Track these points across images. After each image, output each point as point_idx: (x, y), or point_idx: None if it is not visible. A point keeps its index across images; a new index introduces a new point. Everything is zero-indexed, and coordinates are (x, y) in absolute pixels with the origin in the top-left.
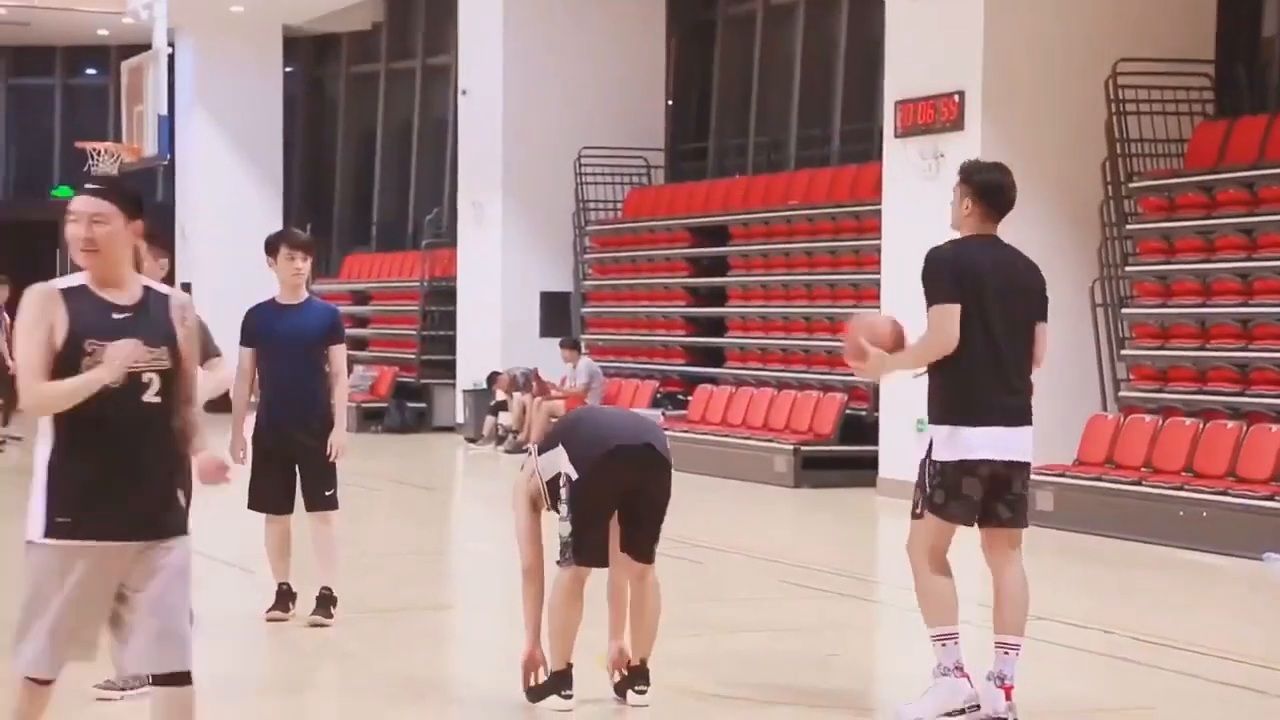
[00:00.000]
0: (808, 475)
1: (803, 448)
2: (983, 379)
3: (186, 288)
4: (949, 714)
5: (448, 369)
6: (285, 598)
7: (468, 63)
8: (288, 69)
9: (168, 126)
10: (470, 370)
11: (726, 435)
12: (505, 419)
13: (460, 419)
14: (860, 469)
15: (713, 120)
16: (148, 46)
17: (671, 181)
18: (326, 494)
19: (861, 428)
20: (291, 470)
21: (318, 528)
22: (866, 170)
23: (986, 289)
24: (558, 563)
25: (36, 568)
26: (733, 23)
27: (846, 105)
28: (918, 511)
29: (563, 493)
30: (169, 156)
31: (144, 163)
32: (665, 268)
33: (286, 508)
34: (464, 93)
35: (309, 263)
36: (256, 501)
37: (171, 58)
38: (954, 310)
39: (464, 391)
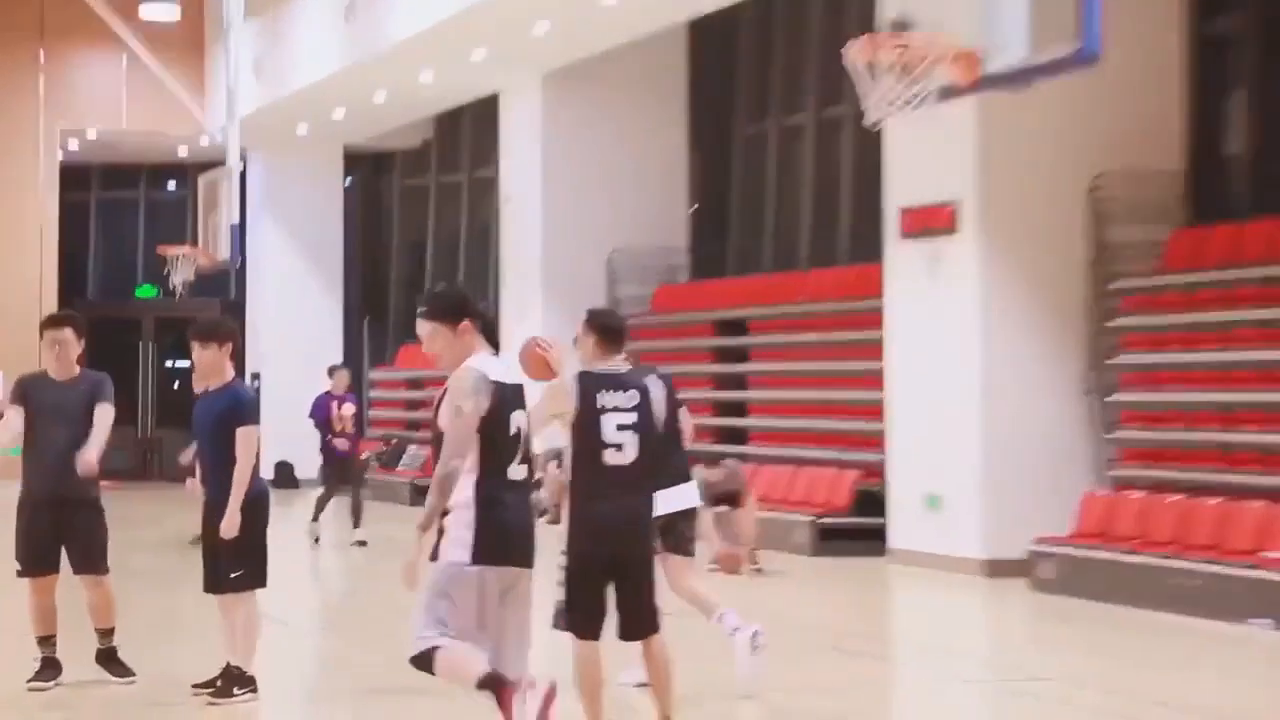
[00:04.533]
0: (825, 546)
1: (819, 520)
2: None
3: (256, 378)
4: None
5: None
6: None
7: (509, 173)
8: (347, 182)
9: (239, 234)
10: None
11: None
12: (543, 495)
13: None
14: (872, 539)
15: (732, 224)
16: (222, 163)
17: (696, 279)
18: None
19: (873, 501)
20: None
21: None
22: (871, 269)
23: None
24: (553, 627)
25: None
26: (748, 141)
27: (854, 210)
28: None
29: (562, 558)
30: (240, 260)
31: (217, 266)
32: (692, 357)
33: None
34: (506, 200)
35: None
36: None
37: (244, 173)
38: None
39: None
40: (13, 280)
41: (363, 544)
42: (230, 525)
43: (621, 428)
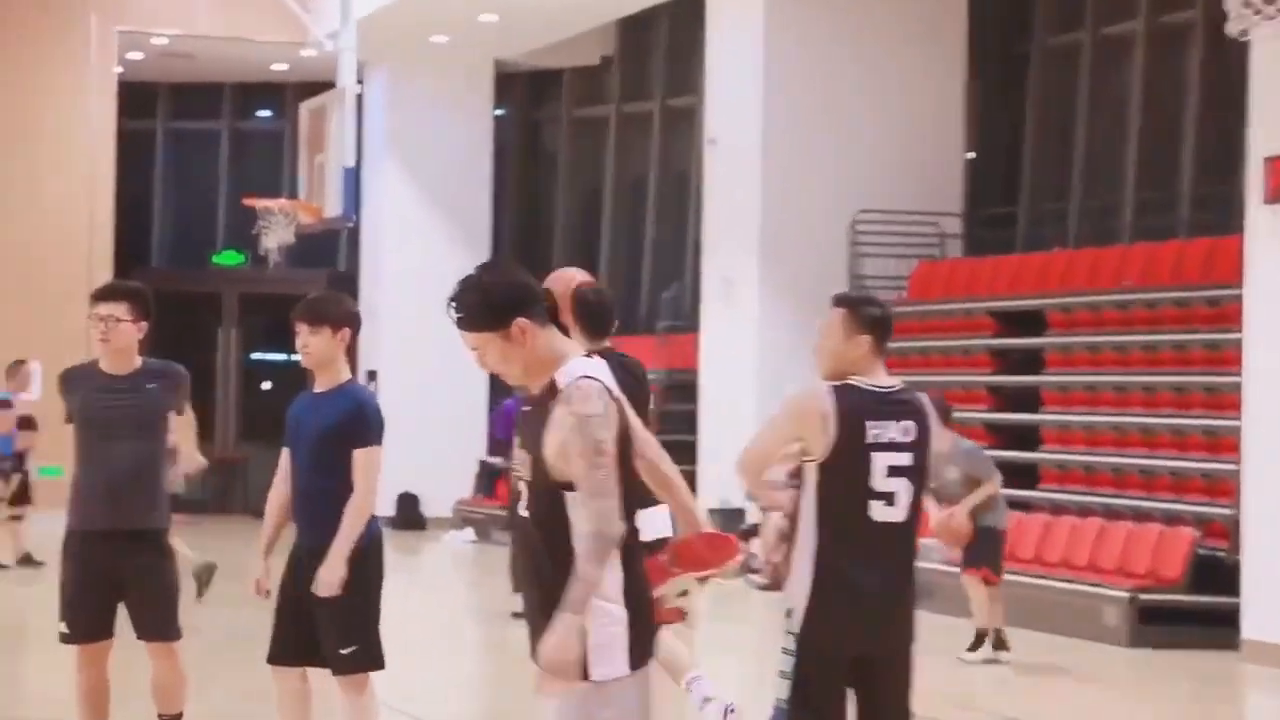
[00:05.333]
0: (1148, 632)
1: (1141, 596)
2: None
3: (372, 376)
4: None
5: (687, 481)
6: None
7: (717, 105)
8: (498, 112)
9: (354, 181)
10: (715, 484)
11: (1041, 578)
12: (756, 547)
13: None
14: (1216, 625)
15: (1024, 179)
16: (331, 84)
17: (971, 254)
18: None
19: (1219, 572)
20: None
21: None
22: (1224, 244)
23: None
24: None
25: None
26: (1052, 57)
27: (1198, 162)
28: None
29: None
30: (355, 217)
31: (325, 224)
32: (963, 362)
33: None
34: (712, 141)
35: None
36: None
37: (360, 98)
38: None
39: (709, 510)
40: (53, 240)
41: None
42: (332, 578)
43: (895, 471)
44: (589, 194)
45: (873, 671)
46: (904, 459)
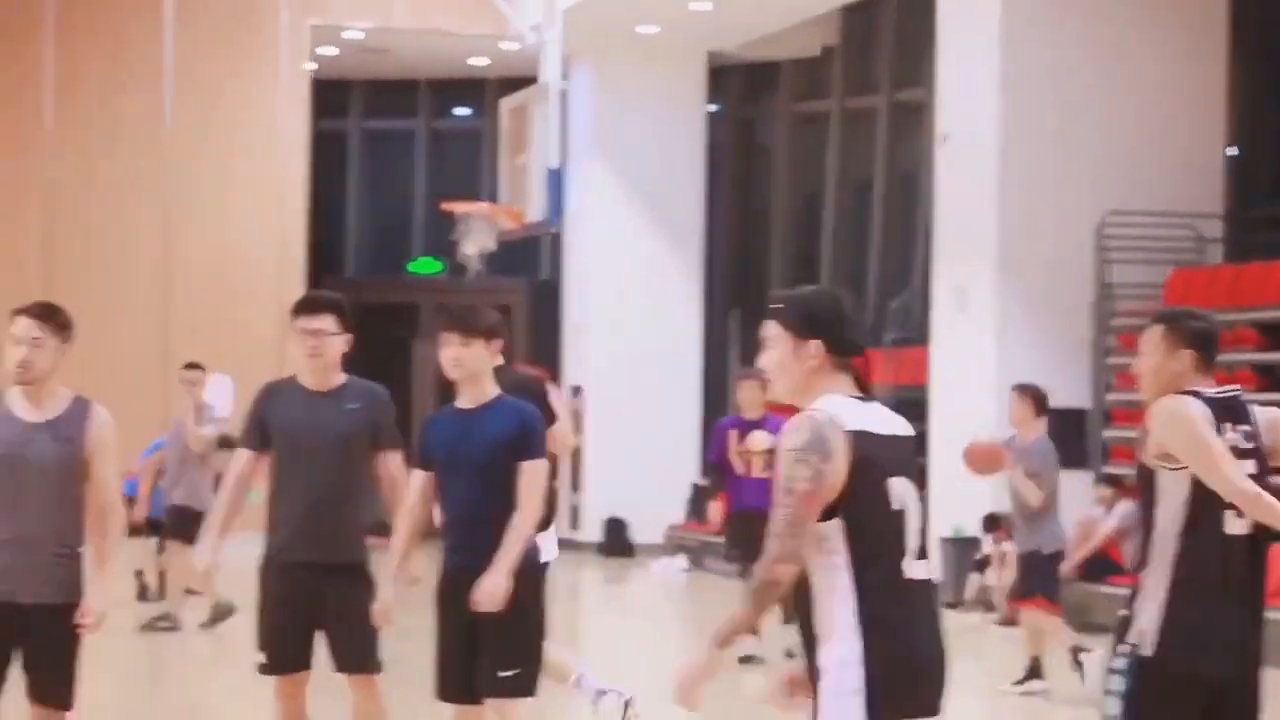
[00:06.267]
0: None
1: None
2: None
3: (577, 391)
4: None
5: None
6: None
7: (949, 98)
8: (711, 107)
9: (558, 183)
10: (949, 510)
11: None
12: (993, 578)
13: (936, 574)
14: None
15: None
16: (533, 80)
17: (1233, 260)
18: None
19: None
20: None
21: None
22: None
23: None
24: None
25: None
26: None
27: None
28: None
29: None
30: (559, 222)
31: (527, 230)
32: (1224, 379)
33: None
34: (944, 138)
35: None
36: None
37: (564, 94)
38: None
39: (941, 540)
40: (243, 247)
41: (749, 659)
42: (497, 591)
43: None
44: (809, 195)
45: (1226, 696)
46: (1250, 466)
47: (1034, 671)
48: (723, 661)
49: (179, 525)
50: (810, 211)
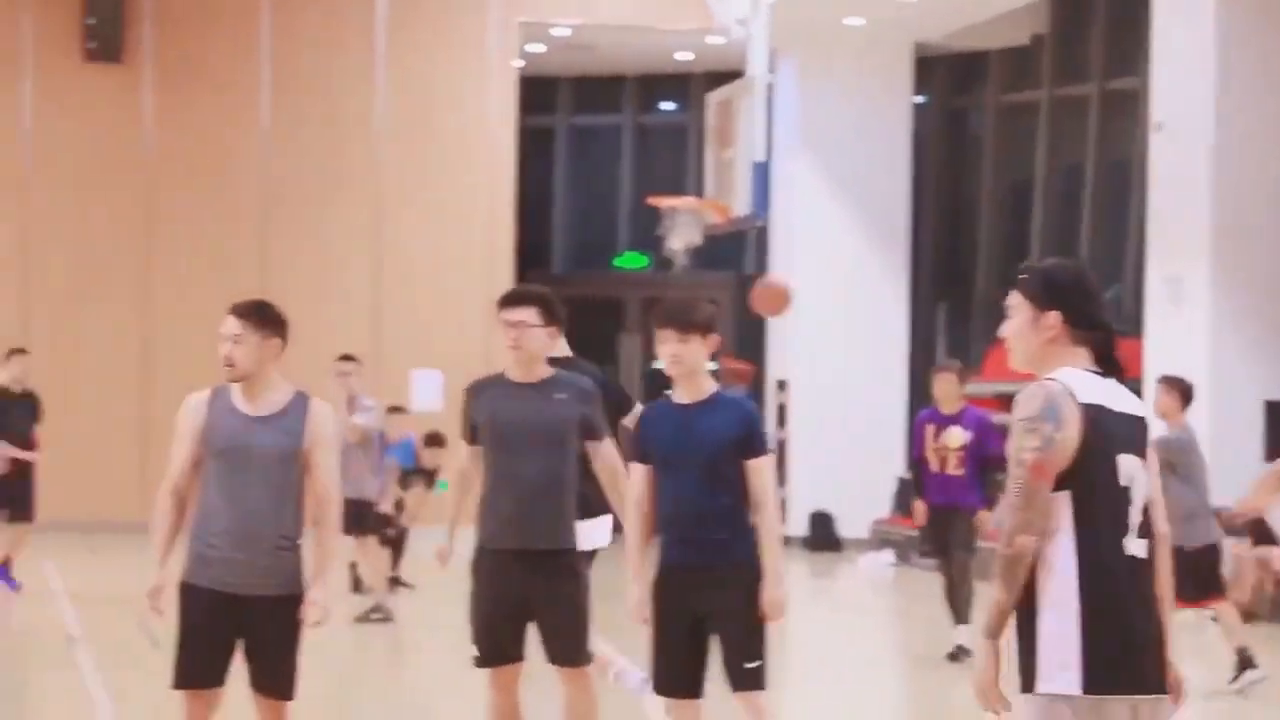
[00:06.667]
0: None
1: None
2: None
3: (781, 386)
4: None
5: None
6: None
7: (1164, 86)
8: (918, 99)
9: (764, 177)
10: None
11: None
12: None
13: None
14: None
15: None
16: (739, 74)
17: None
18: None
19: None
20: None
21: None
22: None
23: None
24: None
25: None
26: None
27: None
28: None
29: None
30: (764, 216)
31: (733, 224)
32: None
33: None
34: (1158, 127)
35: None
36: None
37: (770, 88)
38: None
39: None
40: (452, 244)
41: (959, 653)
42: (780, 602)
43: None
44: (1018, 186)
45: None
46: None
47: (1246, 663)
48: (1000, 651)
49: (351, 519)
50: (1019, 203)
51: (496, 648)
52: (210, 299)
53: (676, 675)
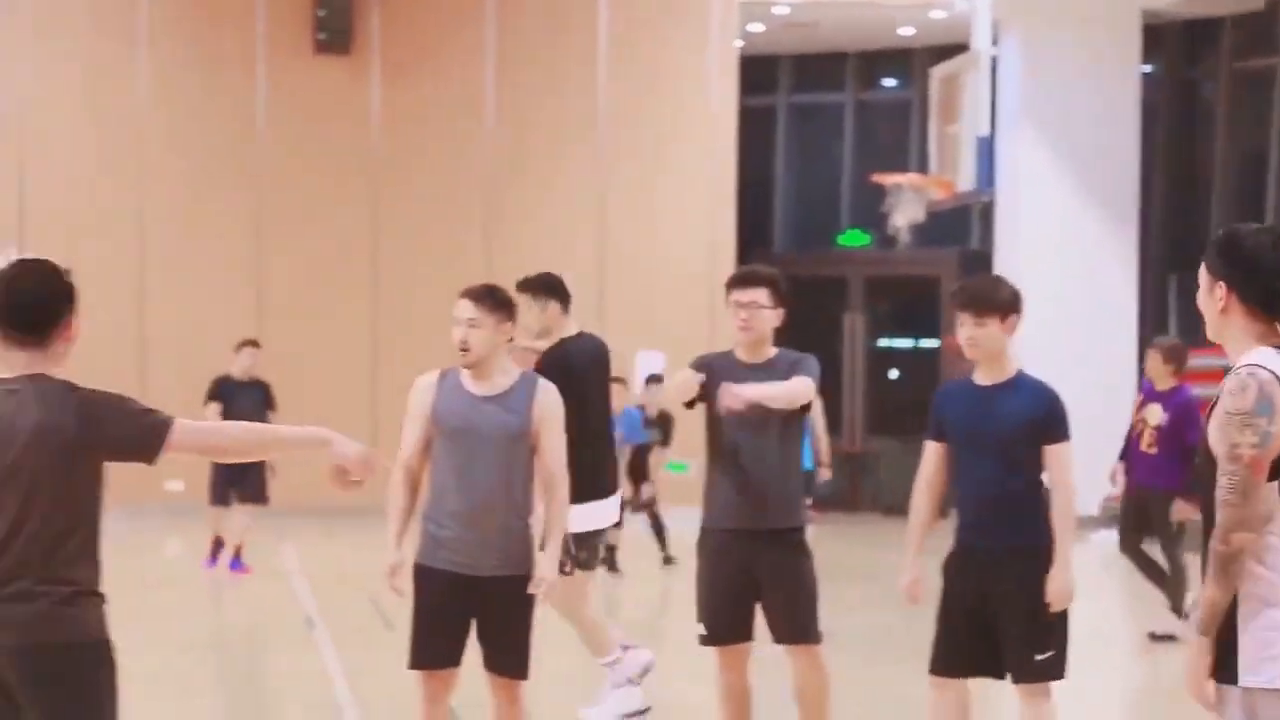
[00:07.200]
0: None
1: None
2: None
3: None
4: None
5: None
6: None
7: None
8: (1146, 69)
9: (989, 152)
10: None
11: None
12: None
13: None
14: None
15: None
16: (963, 48)
17: None
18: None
19: None
20: None
21: None
22: None
23: None
24: None
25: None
26: None
27: None
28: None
29: None
30: (990, 191)
31: (958, 200)
32: None
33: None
34: None
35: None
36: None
37: (995, 63)
38: None
39: None
40: (676, 223)
41: (1158, 638)
42: (1068, 589)
43: None
44: (1253, 156)
45: None
46: None
47: None
48: (1212, 649)
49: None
50: (1254, 173)
51: (724, 626)
52: (437, 285)
53: (957, 658)
